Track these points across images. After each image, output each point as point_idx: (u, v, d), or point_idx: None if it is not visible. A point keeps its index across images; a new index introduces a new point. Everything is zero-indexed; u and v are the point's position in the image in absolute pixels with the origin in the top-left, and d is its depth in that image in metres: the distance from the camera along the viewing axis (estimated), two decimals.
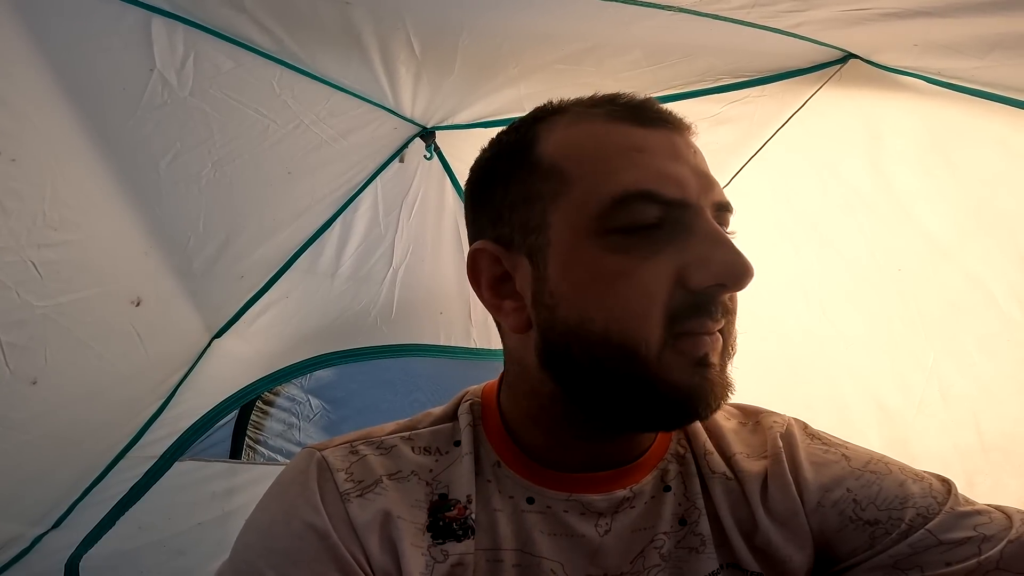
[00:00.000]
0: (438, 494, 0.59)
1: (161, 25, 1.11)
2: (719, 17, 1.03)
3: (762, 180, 1.45)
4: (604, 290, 0.52)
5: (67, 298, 1.22)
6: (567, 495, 0.59)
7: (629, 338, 0.51)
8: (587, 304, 0.53)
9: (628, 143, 0.55)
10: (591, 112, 0.58)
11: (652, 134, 0.56)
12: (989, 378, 1.19)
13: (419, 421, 0.66)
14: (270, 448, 2.11)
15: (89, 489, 1.58)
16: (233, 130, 1.30)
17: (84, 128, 1.13)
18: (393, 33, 1.20)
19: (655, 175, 0.53)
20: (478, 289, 0.61)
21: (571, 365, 0.55)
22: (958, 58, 0.96)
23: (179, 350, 1.60)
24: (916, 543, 0.54)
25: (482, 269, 0.60)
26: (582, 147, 0.56)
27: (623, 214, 0.52)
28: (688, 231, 0.53)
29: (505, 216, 0.58)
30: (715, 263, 0.51)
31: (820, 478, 0.60)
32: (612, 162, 0.54)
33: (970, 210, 1.15)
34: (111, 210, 1.24)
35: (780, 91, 1.29)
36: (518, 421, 0.62)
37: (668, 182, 0.53)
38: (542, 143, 0.58)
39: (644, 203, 0.52)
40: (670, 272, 0.52)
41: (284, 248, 1.65)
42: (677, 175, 0.53)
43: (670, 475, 0.62)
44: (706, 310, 0.52)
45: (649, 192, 0.52)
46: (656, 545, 0.58)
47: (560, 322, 0.54)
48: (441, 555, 0.56)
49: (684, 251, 0.52)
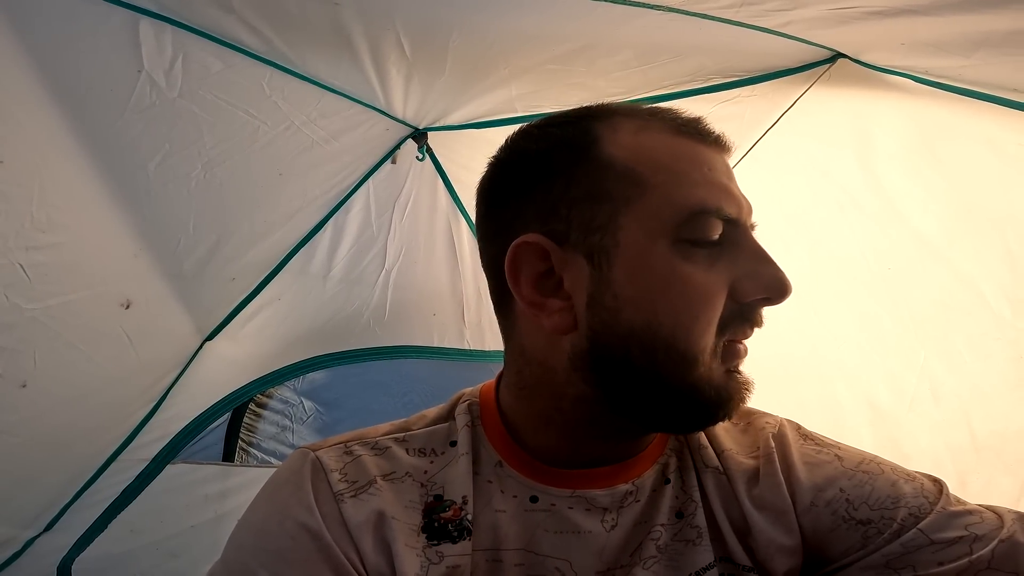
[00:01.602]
0: (433, 495, 0.59)
1: (149, 26, 1.10)
2: (708, 16, 1.04)
3: (752, 180, 1.42)
4: (675, 297, 0.54)
5: (56, 301, 1.21)
6: (571, 492, 0.59)
7: (692, 343, 0.54)
8: (656, 308, 0.54)
9: (699, 159, 0.57)
10: (655, 121, 0.59)
11: (714, 153, 0.59)
12: (980, 377, 1.19)
13: (413, 422, 0.66)
14: (263, 451, 2.10)
15: (81, 492, 1.57)
16: (223, 131, 1.30)
17: (72, 130, 1.12)
18: (383, 34, 1.20)
19: (722, 193, 0.56)
20: (516, 285, 0.58)
21: (624, 369, 0.55)
22: (944, 57, 0.96)
23: (170, 353, 1.59)
24: (908, 542, 0.54)
25: (525, 263, 0.58)
26: (657, 155, 0.57)
27: (697, 227, 0.55)
28: (738, 247, 0.56)
29: (562, 212, 0.57)
30: (763, 277, 0.55)
31: (813, 478, 0.61)
32: (689, 175, 0.56)
33: (959, 209, 1.15)
34: (100, 212, 1.24)
35: (770, 91, 1.30)
36: (526, 421, 0.62)
37: (731, 201, 0.56)
38: (608, 143, 0.57)
39: (714, 218, 0.55)
40: (725, 284, 0.55)
41: (276, 250, 1.64)
42: (736, 195, 0.57)
43: (670, 468, 0.63)
44: (749, 320, 0.57)
45: (718, 209, 0.55)
46: (653, 537, 0.59)
47: (622, 325, 0.54)
48: (436, 556, 0.55)
49: (735, 265, 0.56)
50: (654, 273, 0.54)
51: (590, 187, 0.56)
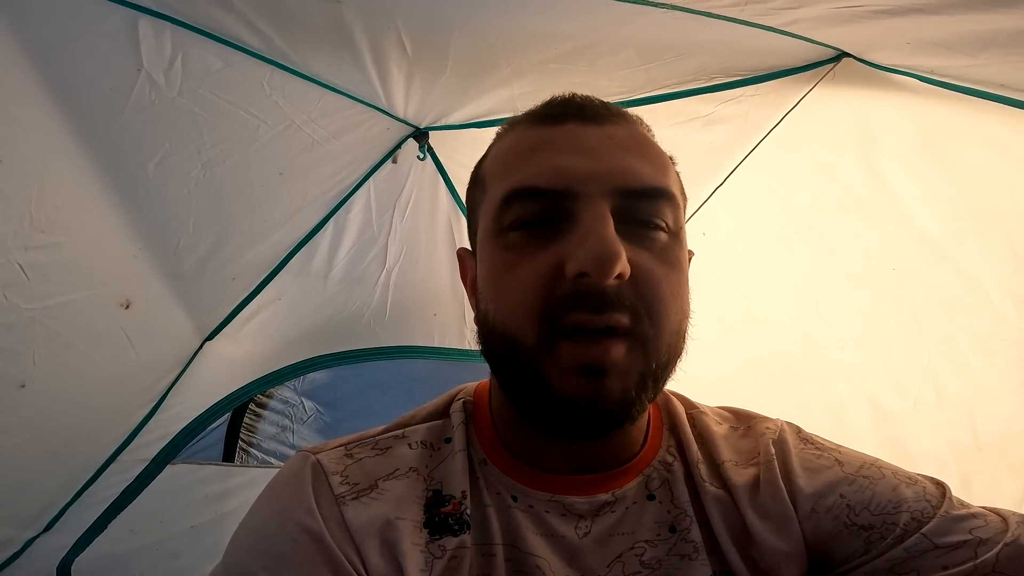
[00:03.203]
0: (432, 490, 0.59)
1: (148, 25, 1.10)
2: (712, 15, 1.03)
3: (756, 180, 1.44)
4: (496, 285, 0.56)
5: (55, 301, 1.21)
6: (549, 495, 0.59)
7: (509, 329, 0.53)
8: (488, 298, 0.57)
9: (530, 143, 0.58)
10: (520, 121, 0.62)
11: (554, 130, 0.57)
12: (984, 377, 1.19)
13: (411, 418, 0.66)
14: (263, 451, 2.10)
15: (81, 492, 1.57)
16: (223, 131, 1.29)
17: (71, 129, 1.12)
18: (384, 32, 1.19)
19: (537, 170, 0.55)
20: (464, 286, 0.68)
21: (492, 363, 0.58)
22: (951, 56, 0.96)
23: (170, 353, 1.59)
24: (912, 547, 0.54)
25: (464, 266, 0.67)
26: (500, 154, 0.61)
27: (510, 211, 0.55)
28: (574, 222, 0.53)
29: (470, 224, 0.66)
30: (582, 251, 0.50)
31: (814, 484, 0.60)
32: (512, 164, 0.58)
33: (964, 209, 1.14)
34: (99, 212, 1.23)
35: (773, 90, 1.29)
36: (504, 421, 0.63)
37: (550, 175, 0.54)
38: (487, 154, 0.65)
39: (525, 199, 0.55)
40: (553, 264, 0.52)
41: (276, 250, 1.64)
42: (560, 166, 0.54)
43: (655, 483, 0.61)
44: (583, 302, 0.51)
45: (529, 188, 0.54)
46: (636, 552, 0.58)
47: (481, 319, 0.59)
48: (439, 551, 0.56)
49: (568, 242, 0.52)
50: (489, 264, 0.57)
51: (471, 199, 0.65)
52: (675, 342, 0.55)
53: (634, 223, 0.54)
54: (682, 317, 0.55)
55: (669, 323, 0.54)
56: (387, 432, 0.64)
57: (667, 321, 0.53)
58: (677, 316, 0.55)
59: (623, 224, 0.53)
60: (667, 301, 0.54)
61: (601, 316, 0.50)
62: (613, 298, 0.51)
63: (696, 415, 0.68)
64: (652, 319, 0.52)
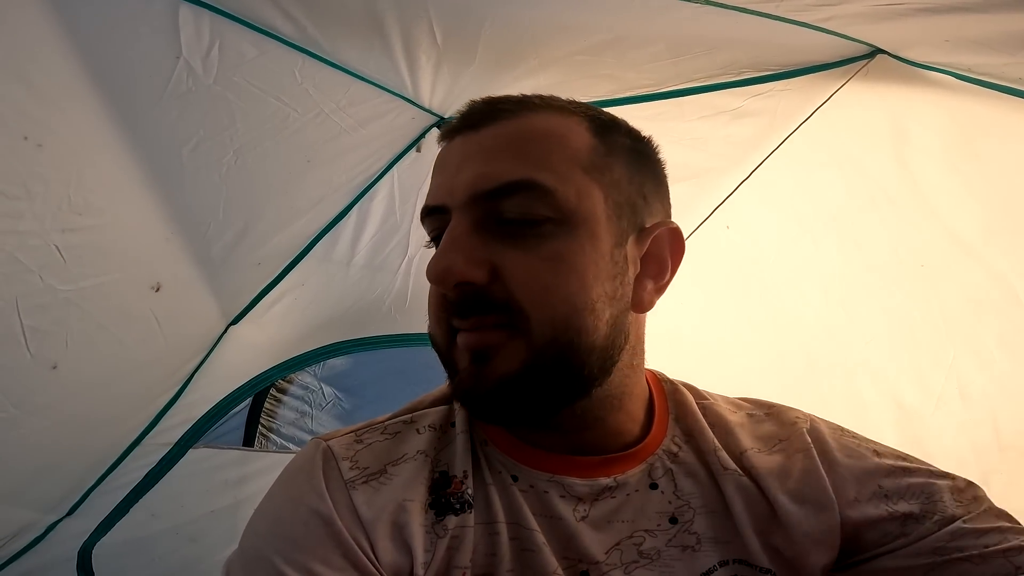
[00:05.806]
0: (439, 472, 0.61)
1: (188, 12, 1.10)
2: (748, 11, 1.03)
3: (783, 174, 1.44)
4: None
5: (89, 283, 1.22)
6: (549, 475, 0.60)
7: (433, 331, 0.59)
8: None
9: (436, 162, 0.61)
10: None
11: (447, 147, 0.61)
12: (1009, 376, 1.19)
13: (419, 403, 0.68)
14: (283, 436, 2.12)
15: (104, 476, 1.59)
16: (255, 118, 1.30)
17: (110, 114, 1.12)
18: (416, 21, 1.20)
19: (431, 190, 0.60)
20: None
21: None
22: (989, 54, 0.96)
23: (196, 336, 1.60)
24: (951, 533, 0.56)
25: None
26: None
27: (425, 229, 0.62)
28: None
29: None
30: (428, 266, 0.56)
31: (854, 472, 0.62)
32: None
33: (996, 207, 1.14)
34: (134, 195, 1.24)
35: (804, 85, 1.29)
36: None
37: (434, 193, 0.59)
38: None
39: (426, 217, 0.60)
40: None
41: (301, 236, 1.64)
42: (437, 184, 0.60)
43: (658, 471, 0.62)
44: (454, 309, 0.56)
45: (425, 208, 0.60)
46: (635, 541, 0.59)
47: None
48: (442, 530, 0.57)
49: None
50: None
51: None
52: (565, 330, 0.54)
53: (505, 223, 0.56)
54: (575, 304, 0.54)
55: (549, 313, 0.54)
56: (396, 417, 0.66)
57: (545, 312, 0.54)
58: (564, 305, 0.54)
59: (499, 226, 0.56)
60: (541, 294, 0.54)
61: (466, 320, 0.56)
62: (476, 302, 0.55)
63: (708, 405, 0.69)
64: (527, 312, 0.54)
